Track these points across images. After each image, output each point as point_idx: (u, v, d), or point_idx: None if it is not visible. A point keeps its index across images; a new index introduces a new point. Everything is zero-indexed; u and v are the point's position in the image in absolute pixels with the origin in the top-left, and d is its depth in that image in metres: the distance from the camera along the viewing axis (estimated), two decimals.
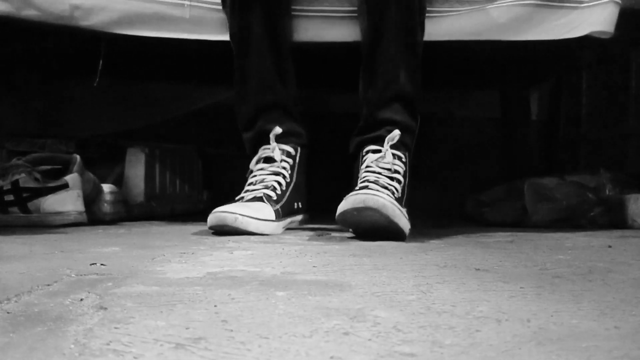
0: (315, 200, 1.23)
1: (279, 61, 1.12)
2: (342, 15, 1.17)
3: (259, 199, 1.04)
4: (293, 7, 1.16)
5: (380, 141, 1.05)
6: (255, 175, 1.10)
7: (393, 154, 1.03)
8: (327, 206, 1.01)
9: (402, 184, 1.03)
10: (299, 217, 1.15)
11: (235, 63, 1.14)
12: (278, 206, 1.05)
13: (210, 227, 0.99)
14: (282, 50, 1.13)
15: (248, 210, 0.99)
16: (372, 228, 0.90)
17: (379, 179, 0.99)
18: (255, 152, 1.12)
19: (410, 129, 1.09)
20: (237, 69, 1.14)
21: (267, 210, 1.02)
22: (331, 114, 1.85)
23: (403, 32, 1.07)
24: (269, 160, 1.10)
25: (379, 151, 1.04)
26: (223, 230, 0.98)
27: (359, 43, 1.14)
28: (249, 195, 1.06)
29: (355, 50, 1.14)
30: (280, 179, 1.09)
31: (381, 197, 0.88)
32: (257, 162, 1.11)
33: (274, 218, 1.03)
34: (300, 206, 1.13)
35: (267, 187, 1.07)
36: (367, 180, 0.99)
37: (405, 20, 1.07)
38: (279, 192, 1.07)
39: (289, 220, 1.10)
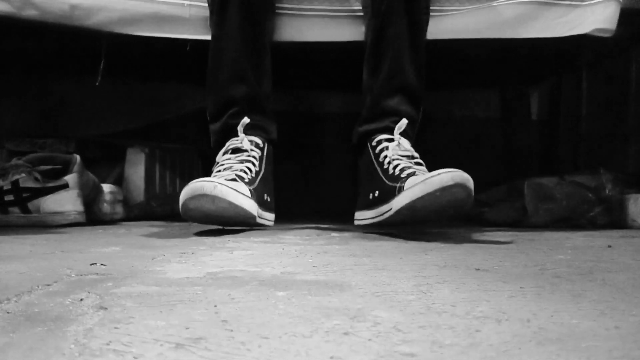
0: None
1: (255, 55, 1.10)
2: (340, 14, 1.18)
3: (232, 179, 0.99)
4: (280, 5, 1.16)
5: (388, 131, 1.05)
6: (222, 164, 1.05)
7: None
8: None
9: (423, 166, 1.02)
10: (272, 216, 1.09)
11: (210, 51, 1.12)
12: (251, 187, 1.00)
13: (185, 203, 0.91)
14: (260, 45, 1.11)
15: (226, 182, 0.93)
16: (452, 205, 0.88)
17: (416, 163, 0.99)
18: (222, 145, 1.09)
19: (414, 120, 1.09)
20: (211, 58, 1.12)
21: (242, 187, 0.97)
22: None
23: (409, 23, 1.07)
24: (237, 151, 1.07)
25: (392, 140, 1.03)
26: (198, 208, 0.90)
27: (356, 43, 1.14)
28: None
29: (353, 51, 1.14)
30: (250, 165, 1.05)
31: (462, 172, 0.85)
32: (224, 154, 1.07)
33: (249, 195, 0.98)
34: (269, 200, 1.08)
35: (237, 171, 1.02)
36: (410, 167, 0.97)
37: (412, 11, 1.07)
38: (250, 176, 1.03)
39: (262, 211, 1.04)
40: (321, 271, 0.62)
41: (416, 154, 1.03)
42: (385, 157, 1.02)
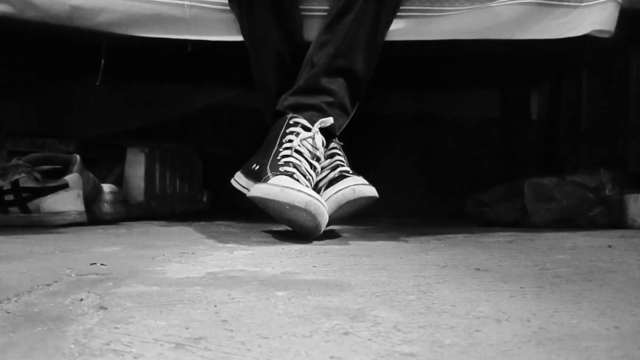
0: None
1: (292, 61, 1.10)
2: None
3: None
4: (302, 6, 1.16)
5: (316, 110, 1.01)
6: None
7: (322, 141, 0.99)
8: None
9: (316, 171, 0.99)
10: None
11: (251, 63, 1.13)
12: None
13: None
14: (294, 49, 1.11)
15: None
16: (296, 224, 0.90)
17: (312, 166, 0.97)
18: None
19: (345, 111, 1.05)
20: (253, 69, 1.13)
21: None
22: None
23: (374, 13, 1.05)
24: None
25: (309, 129, 0.98)
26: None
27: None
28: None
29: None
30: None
31: (319, 203, 0.85)
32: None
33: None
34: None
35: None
36: (295, 166, 0.94)
37: (380, 3, 1.06)
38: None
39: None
40: (321, 271, 0.62)
41: (321, 156, 0.99)
42: (290, 141, 0.97)
